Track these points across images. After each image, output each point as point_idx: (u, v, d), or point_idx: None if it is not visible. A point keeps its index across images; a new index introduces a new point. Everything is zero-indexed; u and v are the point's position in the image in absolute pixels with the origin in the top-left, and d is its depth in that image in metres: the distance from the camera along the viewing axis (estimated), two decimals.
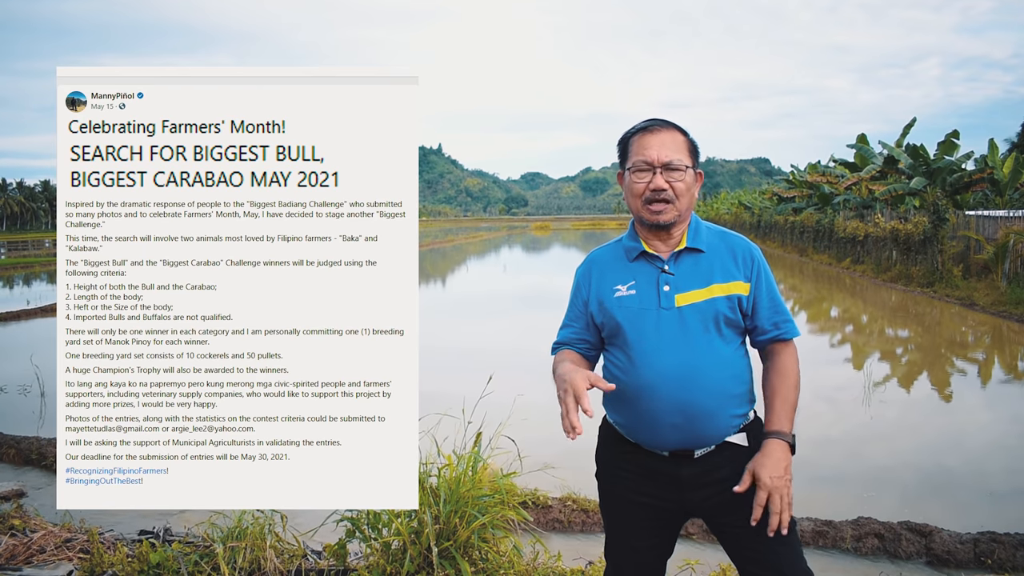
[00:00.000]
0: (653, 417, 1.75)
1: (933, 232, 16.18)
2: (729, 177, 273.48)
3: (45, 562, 3.14)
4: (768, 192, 41.86)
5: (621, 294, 1.80)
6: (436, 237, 57.96)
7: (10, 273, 28.29)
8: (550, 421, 3.88)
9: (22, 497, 4.51)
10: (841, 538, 3.83)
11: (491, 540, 2.89)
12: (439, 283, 22.12)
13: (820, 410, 6.83)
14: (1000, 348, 10.35)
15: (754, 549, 1.76)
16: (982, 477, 5.00)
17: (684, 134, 1.82)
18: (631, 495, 1.84)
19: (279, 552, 2.98)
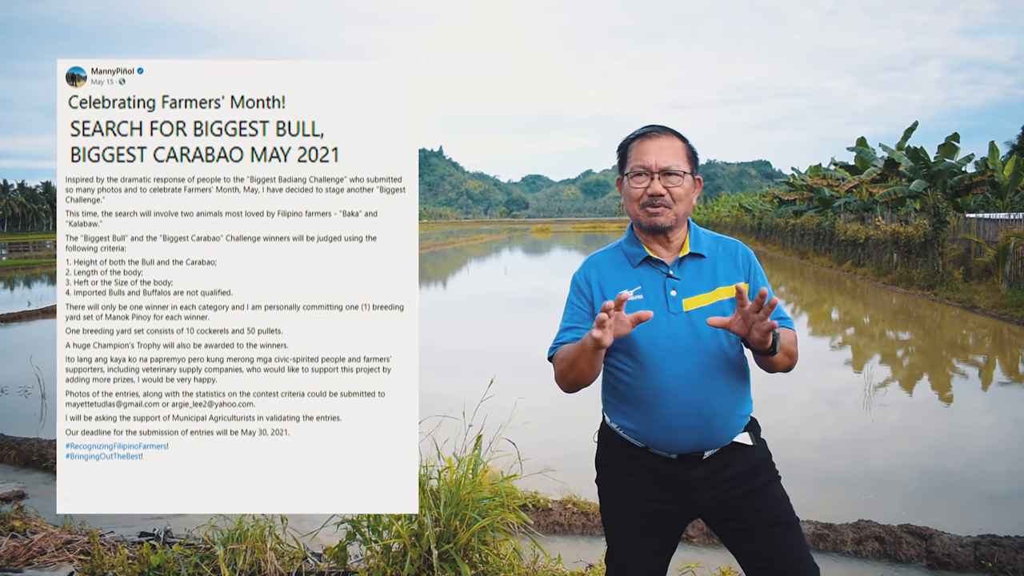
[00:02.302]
0: (668, 421, 1.75)
1: (934, 235, 16.18)
2: (730, 179, 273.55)
3: (46, 564, 3.14)
4: (769, 195, 41.84)
5: (628, 299, 1.80)
6: (437, 239, 57.99)
7: (11, 274, 28.30)
8: (551, 424, 3.91)
9: (23, 499, 4.51)
10: (841, 541, 3.83)
11: (491, 543, 2.89)
12: (440, 285, 22.12)
13: (821, 412, 6.83)
14: (1001, 351, 10.35)
15: (761, 546, 1.77)
16: (983, 480, 5.00)
17: (683, 140, 1.84)
18: (639, 500, 1.83)
19: (279, 554, 2.98)
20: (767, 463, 1.85)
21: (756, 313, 1.61)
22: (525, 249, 46.19)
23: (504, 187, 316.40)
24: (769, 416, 2.69)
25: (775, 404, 6.56)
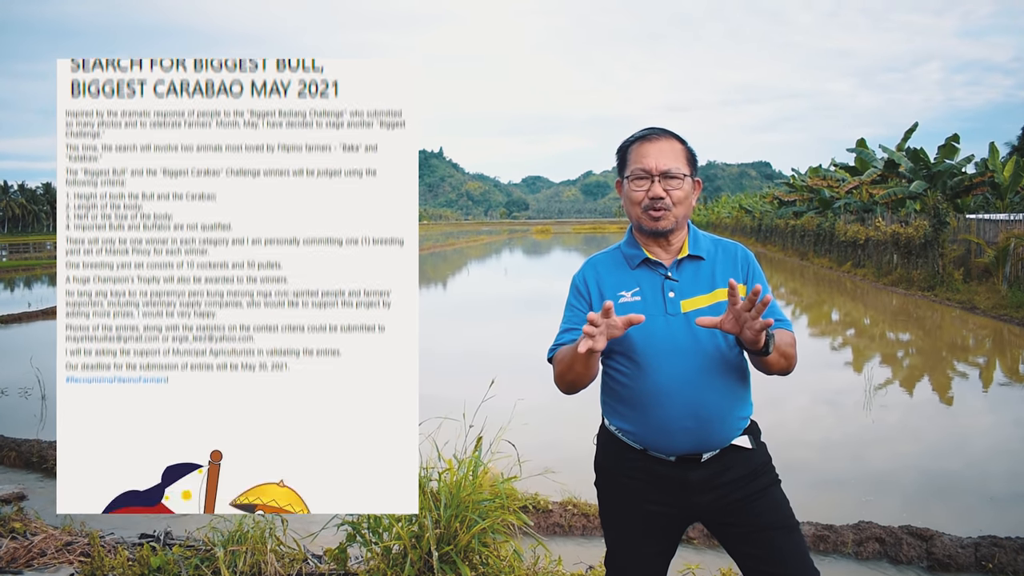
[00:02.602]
0: (665, 422, 1.76)
1: (934, 236, 16.18)
2: (730, 181, 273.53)
3: (46, 565, 3.14)
4: (769, 196, 41.86)
5: (626, 300, 1.80)
6: (437, 241, 58.00)
7: (11, 275, 28.31)
8: (551, 425, 3.91)
9: (23, 500, 4.51)
10: (842, 542, 3.83)
11: (491, 544, 2.89)
12: (440, 286, 22.13)
13: (821, 413, 6.83)
14: (1001, 352, 10.35)
15: (761, 550, 1.77)
16: (983, 481, 4.99)
17: (682, 143, 1.84)
18: (638, 503, 1.83)
19: (280, 556, 2.98)
20: (767, 466, 1.85)
21: (748, 311, 1.60)
22: (525, 250, 46.20)
23: (504, 188, 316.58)
24: (769, 417, 2.69)
25: (775, 405, 6.56)
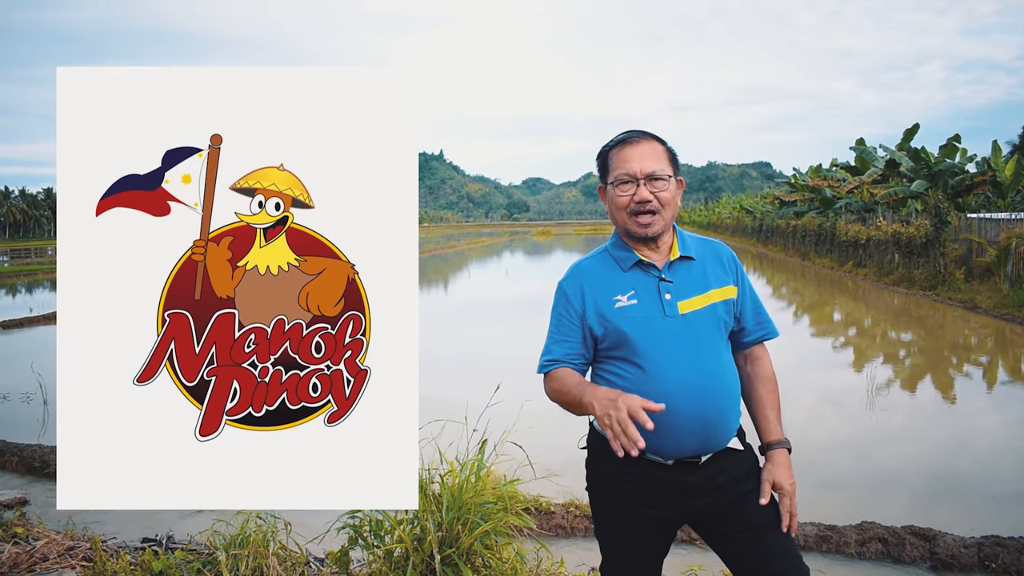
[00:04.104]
0: (671, 426, 1.72)
1: (935, 235, 16.17)
2: (731, 181, 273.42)
3: (48, 570, 3.14)
4: (770, 196, 41.81)
5: (622, 304, 1.78)
6: (438, 243, 58.02)
7: (13, 281, 28.35)
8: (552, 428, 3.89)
9: (25, 505, 4.51)
10: (845, 543, 3.82)
11: (494, 547, 2.88)
12: (442, 288, 22.13)
13: (824, 414, 6.82)
14: (1003, 351, 10.33)
15: (751, 548, 1.77)
16: (986, 481, 4.98)
17: (662, 143, 1.84)
18: (636, 508, 1.82)
19: (282, 559, 2.98)
20: (755, 467, 1.86)
21: None
22: (526, 252, 46.19)
23: (505, 190, 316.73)
24: None
25: None
